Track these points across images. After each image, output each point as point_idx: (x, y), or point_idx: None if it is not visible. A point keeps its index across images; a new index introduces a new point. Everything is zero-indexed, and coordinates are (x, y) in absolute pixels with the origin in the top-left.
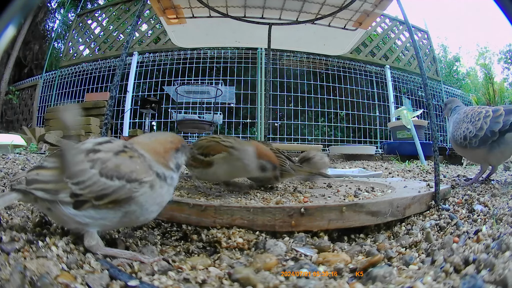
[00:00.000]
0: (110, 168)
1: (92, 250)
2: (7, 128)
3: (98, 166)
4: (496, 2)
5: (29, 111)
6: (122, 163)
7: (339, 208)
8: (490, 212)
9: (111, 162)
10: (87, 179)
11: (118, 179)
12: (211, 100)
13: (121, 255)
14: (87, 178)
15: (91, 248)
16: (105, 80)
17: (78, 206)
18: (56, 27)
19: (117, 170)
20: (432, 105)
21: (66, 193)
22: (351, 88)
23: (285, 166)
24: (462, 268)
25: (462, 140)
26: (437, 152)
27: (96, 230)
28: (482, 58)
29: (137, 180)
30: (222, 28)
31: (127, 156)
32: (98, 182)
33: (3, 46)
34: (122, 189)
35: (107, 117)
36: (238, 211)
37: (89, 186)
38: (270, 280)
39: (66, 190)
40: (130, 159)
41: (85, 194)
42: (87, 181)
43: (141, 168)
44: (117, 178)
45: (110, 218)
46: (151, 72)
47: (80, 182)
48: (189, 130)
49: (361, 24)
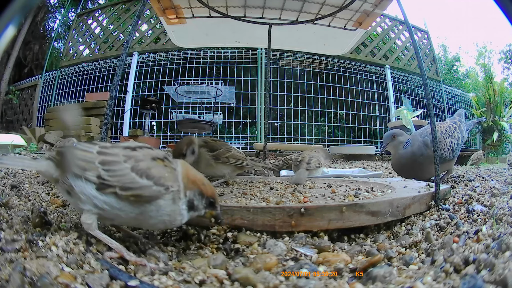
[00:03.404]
0: (142, 167)
1: (84, 227)
2: (7, 128)
3: (131, 162)
4: (496, 2)
5: (29, 111)
6: (154, 167)
7: (339, 208)
8: (490, 212)
9: (144, 163)
10: (117, 169)
11: (147, 178)
12: (211, 100)
13: (108, 242)
14: (118, 169)
15: (85, 225)
16: (105, 80)
17: (101, 188)
18: (56, 27)
19: (148, 172)
20: (432, 105)
21: (94, 174)
22: (351, 88)
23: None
24: (462, 268)
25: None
26: (437, 152)
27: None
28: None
29: (164, 186)
30: (222, 28)
31: (162, 164)
32: (128, 175)
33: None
34: (148, 188)
35: (107, 117)
36: (238, 211)
37: (118, 176)
38: (270, 280)
39: (94, 171)
40: (163, 168)
41: (112, 182)
42: (118, 171)
43: (170, 178)
44: (146, 178)
45: (127, 212)
46: (151, 72)
47: (111, 170)
48: (189, 130)
49: (361, 24)
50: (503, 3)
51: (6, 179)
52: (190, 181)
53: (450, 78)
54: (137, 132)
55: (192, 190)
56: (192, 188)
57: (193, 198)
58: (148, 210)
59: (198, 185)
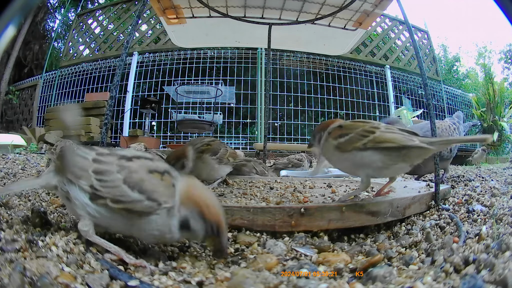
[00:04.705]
0: (135, 180)
1: (82, 234)
2: (7, 128)
3: (124, 173)
4: (496, 2)
5: (29, 111)
6: (149, 180)
7: (339, 208)
8: (490, 212)
9: (137, 175)
10: (109, 180)
11: (139, 192)
12: (211, 100)
13: (107, 247)
14: (110, 180)
15: (82, 232)
16: (105, 80)
17: (93, 199)
18: (56, 27)
19: (141, 185)
20: (432, 105)
21: (87, 183)
22: (351, 88)
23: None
24: (462, 268)
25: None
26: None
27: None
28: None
29: (156, 201)
30: (222, 28)
31: (159, 178)
32: (119, 187)
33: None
34: (139, 202)
35: (107, 117)
36: (238, 211)
37: (110, 187)
38: (271, 280)
39: (88, 179)
40: (159, 182)
41: (103, 193)
42: (110, 182)
43: (165, 193)
44: (138, 191)
45: (117, 223)
46: (151, 72)
47: (103, 180)
48: (189, 130)
49: (361, 24)
50: (503, 3)
51: (6, 179)
52: (189, 199)
53: (450, 78)
54: (137, 132)
55: (190, 208)
56: (190, 206)
57: (189, 217)
58: (139, 223)
59: (200, 205)
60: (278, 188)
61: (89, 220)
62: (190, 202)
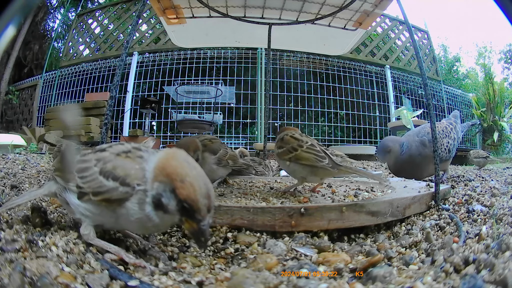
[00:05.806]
0: (108, 168)
1: (84, 238)
2: (7, 128)
3: (100, 165)
4: (496, 2)
5: (29, 111)
6: (120, 166)
7: (339, 208)
8: (490, 212)
9: (110, 164)
10: (88, 175)
11: (113, 180)
12: (211, 100)
13: (108, 248)
14: (89, 174)
15: (84, 236)
16: (105, 80)
17: (80, 197)
18: (56, 27)
19: (113, 172)
20: (432, 105)
21: (74, 183)
22: (351, 88)
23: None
24: (462, 268)
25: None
26: (437, 152)
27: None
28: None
29: (130, 185)
30: (222, 28)
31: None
32: (97, 179)
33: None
34: (114, 190)
35: (107, 117)
36: (238, 211)
37: (89, 182)
38: (271, 280)
39: (74, 180)
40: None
41: (85, 188)
42: (89, 177)
43: (137, 174)
44: (112, 179)
45: (106, 217)
46: (151, 72)
47: (84, 176)
48: (189, 130)
49: (361, 24)
50: (503, 3)
51: (6, 179)
52: (163, 172)
53: (450, 78)
54: (137, 132)
55: (162, 183)
56: (163, 181)
57: (160, 193)
58: (123, 213)
59: (173, 179)
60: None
61: (88, 224)
62: (163, 176)
